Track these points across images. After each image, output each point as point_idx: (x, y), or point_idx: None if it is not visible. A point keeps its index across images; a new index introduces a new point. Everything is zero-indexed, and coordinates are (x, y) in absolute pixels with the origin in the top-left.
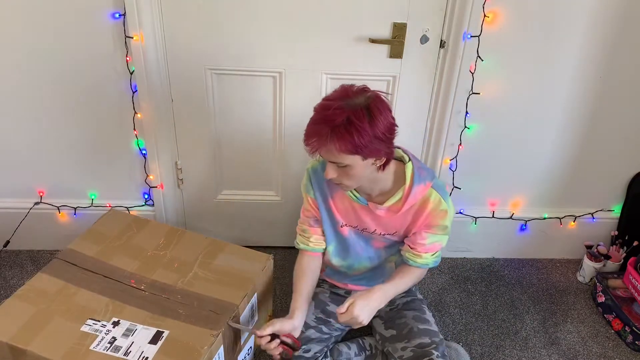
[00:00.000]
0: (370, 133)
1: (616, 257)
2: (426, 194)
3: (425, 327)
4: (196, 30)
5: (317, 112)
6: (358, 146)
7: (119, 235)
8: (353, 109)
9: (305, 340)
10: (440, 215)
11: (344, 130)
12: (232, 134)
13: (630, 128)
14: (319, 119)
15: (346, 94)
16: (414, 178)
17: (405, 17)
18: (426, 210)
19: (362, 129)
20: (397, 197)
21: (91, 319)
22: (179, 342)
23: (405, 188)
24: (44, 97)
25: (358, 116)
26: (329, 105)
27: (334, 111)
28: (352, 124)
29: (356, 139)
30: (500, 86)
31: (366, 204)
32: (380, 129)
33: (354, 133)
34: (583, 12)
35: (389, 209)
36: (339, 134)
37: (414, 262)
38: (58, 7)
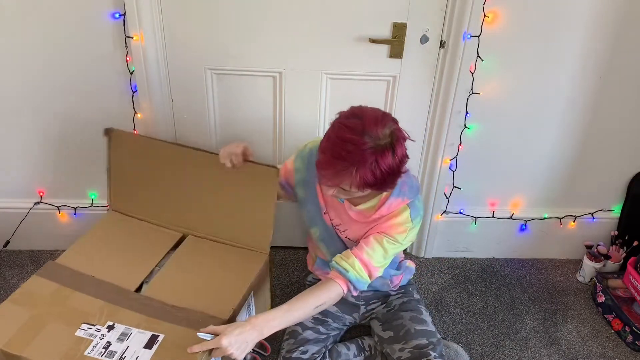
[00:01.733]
0: (391, 170)
1: (616, 257)
2: (399, 209)
3: (423, 327)
4: (196, 30)
5: (340, 143)
6: (376, 184)
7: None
8: (380, 149)
9: (303, 342)
10: (400, 229)
11: (369, 171)
12: (232, 134)
13: (630, 128)
14: (343, 154)
15: (372, 127)
16: (393, 190)
17: (405, 17)
18: (390, 221)
19: (385, 168)
20: (371, 204)
21: (86, 323)
22: (174, 346)
23: (381, 197)
24: (44, 97)
25: (384, 158)
26: (356, 141)
27: (362, 152)
28: (378, 166)
29: (378, 178)
30: (500, 86)
31: (342, 201)
32: (398, 164)
33: (377, 173)
34: (583, 12)
35: (360, 213)
36: (363, 173)
37: (337, 264)
38: (58, 7)
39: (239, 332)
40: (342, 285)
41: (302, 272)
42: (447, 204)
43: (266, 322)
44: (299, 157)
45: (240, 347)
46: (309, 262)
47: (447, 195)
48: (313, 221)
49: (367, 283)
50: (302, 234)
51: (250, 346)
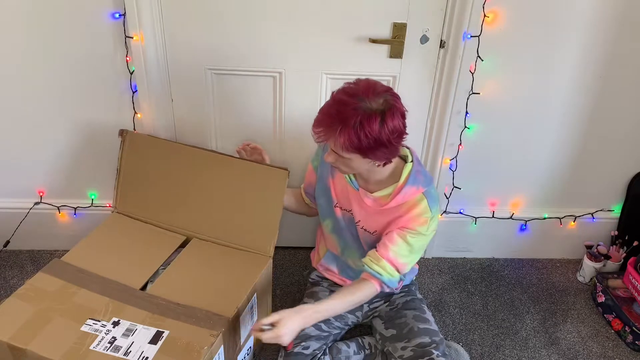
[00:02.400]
0: (377, 138)
1: (616, 257)
2: (416, 198)
3: (426, 326)
4: (196, 31)
5: (333, 103)
6: (361, 148)
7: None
8: (368, 112)
9: (304, 338)
10: (421, 221)
11: (352, 130)
12: (232, 134)
13: (630, 128)
14: (333, 112)
15: (366, 92)
16: (409, 179)
17: (405, 17)
18: (410, 213)
19: (370, 133)
20: (387, 192)
21: (91, 318)
22: (179, 342)
23: (397, 185)
24: (44, 97)
25: (370, 121)
26: (346, 101)
27: (349, 110)
28: (362, 128)
29: (362, 141)
30: (500, 86)
31: (357, 189)
32: (387, 136)
33: (361, 135)
34: (583, 12)
35: (375, 200)
36: (347, 133)
37: (369, 268)
38: (58, 7)
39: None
40: (377, 285)
41: (302, 272)
42: (447, 204)
43: (312, 314)
44: (315, 157)
45: (290, 334)
46: (314, 258)
47: (447, 195)
48: (325, 214)
49: (398, 280)
50: (302, 234)
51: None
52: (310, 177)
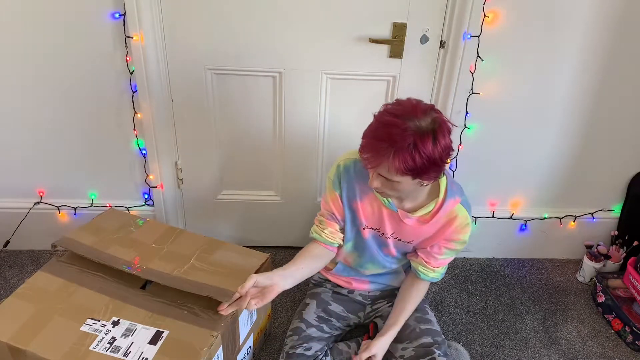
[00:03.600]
0: (431, 158)
1: (616, 257)
2: (455, 209)
3: (427, 327)
4: (196, 30)
5: (381, 127)
6: (415, 169)
7: (117, 230)
8: (420, 132)
9: (307, 339)
10: (464, 230)
11: (407, 153)
12: (232, 134)
13: (630, 128)
14: (383, 135)
15: (414, 112)
16: (447, 192)
17: (405, 17)
18: (453, 225)
19: (425, 154)
20: (428, 209)
21: (91, 318)
22: (178, 343)
23: (438, 201)
24: (44, 97)
25: (424, 142)
26: (395, 122)
27: (400, 131)
28: (416, 149)
29: (417, 162)
30: (500, 86)
31: (396, 210)
32: (440, 154)
33: (417, 158)
34: (583, 12)
35: (418, 220)
36: (402, 156)
37: (425, 276)
38: (58, 7)
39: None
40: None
41: None
42: None
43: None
44: (335, 180)
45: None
46: None
47: None
48: (349, 237)
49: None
50: (303, 234)
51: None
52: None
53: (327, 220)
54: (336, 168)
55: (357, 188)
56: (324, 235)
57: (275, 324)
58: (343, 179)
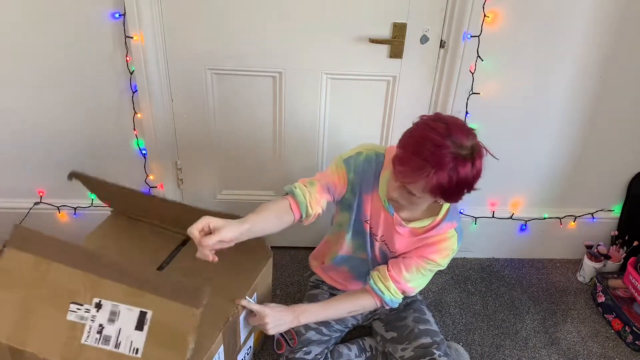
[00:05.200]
0: (466, 183)
1: (616, 257)
2: (448, 233)
3: (426, 327)
4: (196, 30)
5: (423, 143)
6: (448, 191)
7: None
8: (463, 159)
9: (306, 342)
10: (444, 254)
11: (446, 175)
12: (232, 134)
13: (630, 128)
14: (426, 154)
15: (456, 133)
16: (447, 214)
17: (405, 17)
18: (437, 246)
19: (462, 178)
20: (423, 224)
21: (73, 302)
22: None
23: (436, 220)
24: (44, 97)
25: (465, 167)
26: (437, 141)
27: (444, 154)
28: (456, 172)
29: (452, 185)
30: (500, 86)
31: (392, 215)
32: (474, 180)
33: (454, 180)
34: (583, 12)
35: (410, 231)
36: (439, 176)
37: (374, 284)
38: (58, 7)
39: (280, 311)
40: (377, 301)
41: (302, 272)
42: None
43: (303, 312)
44: (352, 164)
45: (275, 323)
46: (313, 263)
47: None
48: (353, 226)
49: (400, 302)
50: (302, 234)
51: (283, 327)
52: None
53: (322, 188)
54: (357, 154)
55: (371, 182)
56: (306, 196)
57: None
58: (361, 166)
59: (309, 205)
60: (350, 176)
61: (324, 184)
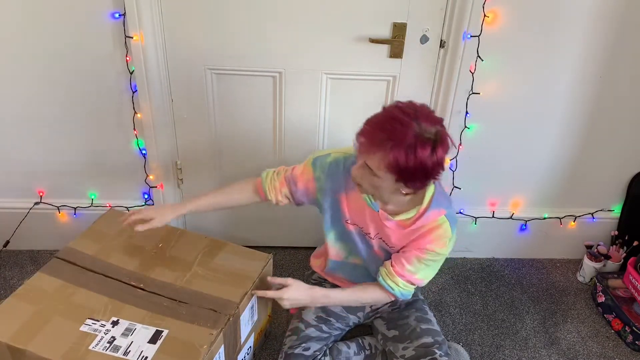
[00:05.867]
0: (423, 165)
1: (616, 257)
2: (438, 220)
3: (428, 326)
4: (196, 30)
5: (388, 119)
6: (404, 170)
7: (118, 234)
8: (422, 136)
9: (305, 339)
10: (441, 243)
11: (404, 151)
12: (232, 134)
13: (630, 128)
14: (386, 126)
15: (423, 117)
16: (432, 202)
17: (405, 17)
18: (432, 235)
19: (419, 159)
20: (409, 215)
21: (90, 318)
22: (178, 341)
23: (420, 209)
24: (44, 97)
25: (424, 147)
26: (401, 119)
27: (405, 130)
28: (414, 151)
29: (409, 163)
30: (500, 86)
31: (377, 210)
32: (433, 165)
33: (411, 159)
34: (583, 12)
35: (397, 224)
36: (398, 151)
37: (382, 280)
38: (58, 7)
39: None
40: (390, 296)
41: (302, 272)
42: None
43: (321, 296)
44: (318, 165)
45: (292, 303)
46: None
47: None
48: (331, 227)
49: (412, 292)
50: (303, 234)
51: (297, 306)
52: (307, 184)
53: (284, 179)
54: (325, 156)
55: (343, 182)
56: (267, 182)
57: (275, 324)
58: (328, 169)
59: (267, 191)
60: (316, 175)
61: (288, 176)
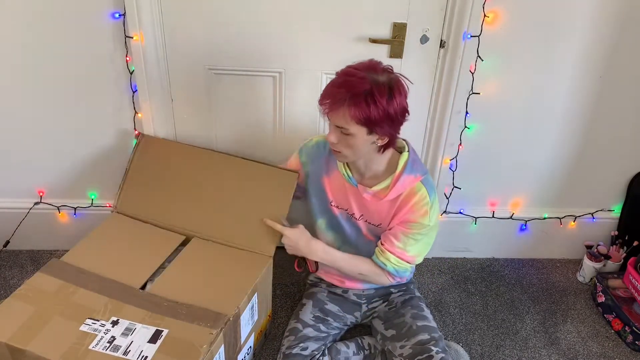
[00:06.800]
0: (386, 110)
1: (616, 257)
2: (414, 187)
3: (424, 323)
4: (196, 30)
5: (340, 76)
6: (370, 119)
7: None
8: (376, 83)
9: (303, 338)
10: (421, 211)
11: (363, 99)
12: (232, 134)
13: (630, 128)
14: (341, 82)
15: (373, 68)
16: (406, 167)
17: (405, 17)
18: (409, 203)
19: (380, 103)
20: (385, 184)
21: (90, 318)
22: (178, 341)
23: (394, 175)
24: (44, 97)
25: (380, 91)
26: (354, 73)
27: (357, 79)
28: (372, 96)
29: (372, 111)
30: (500, 86)
31: (356, 185)
32: (395, 110)
33: (371, 105)
34: (583, 12)
35: (375, 194)
36: (357, 102)
37: (376, 258)
38: (58, 7)
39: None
40: (387, 275)
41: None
42: (447, 204)
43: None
44: (303, 151)
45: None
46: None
47: (447, 195)
48: (319, 213)
49: (408, 270)
50: None
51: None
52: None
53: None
54: (309, 140)
55: (324, 164)
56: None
57: (275, 324)
58: (310, 151)
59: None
60: (302, 160)
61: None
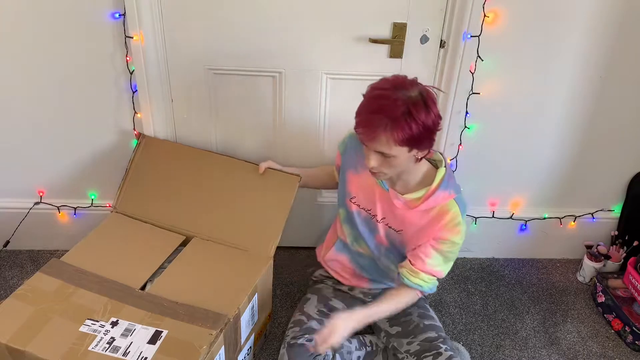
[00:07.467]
0: (425, 125)
1: (616, 257)
2: (447, 204)
3: (431, 322)
4: (196, 30)
5: (372, 101)
6: (412, 138)
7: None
8: (411, 100)
9: (308, 330)
10: (454, 230)
11: (404, 121)
12: (232, 134)
13: (630, 128)
14: (375, 108)
15: (401, 84)
16: (442, 183)
17: (405, 17)
18: (442, 221)
19: (419, 120)
20: (418, 195)
21: (90, 319)
22: (178, 342)
23: (430, 189)
24: (44, 97)
25: (417, 108)
26: (387, 95)
27: (392, 102)
28: (411, 116)
29: (413, 130)
30: (500, 86)
31: (387, 189)
32: (433, 121)
33: (412, 124)
34: (583, 12)
35: (406, 203)
36: (397, 125)
37: (409, 281)
38: (58, 7)
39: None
40: (419, 293)
41: (302, 272)
42: None
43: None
44: (344, 142)
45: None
46: (320, 252)
47: None
48: (340, 203)
49: (437, 284)
50: (303, 234)
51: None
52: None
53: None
54: (348, 133)
55: (356, 159)
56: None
57: (275, 324)
58: (350, 143)
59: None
60: (341, 150)
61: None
